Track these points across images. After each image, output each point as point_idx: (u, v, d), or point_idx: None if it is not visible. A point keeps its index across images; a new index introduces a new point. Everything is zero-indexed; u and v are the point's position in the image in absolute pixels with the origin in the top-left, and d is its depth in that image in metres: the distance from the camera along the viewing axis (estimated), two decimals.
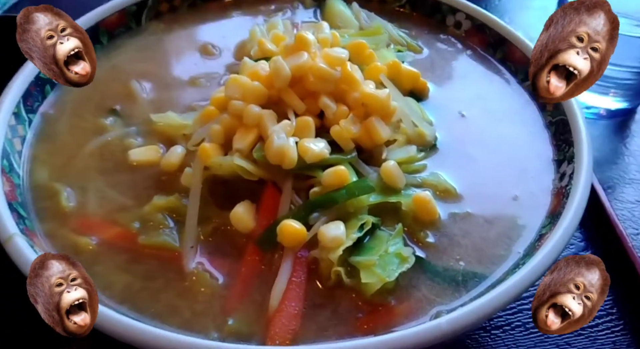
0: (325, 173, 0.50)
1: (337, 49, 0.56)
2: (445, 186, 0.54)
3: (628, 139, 0.82)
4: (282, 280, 0.45)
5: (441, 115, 0.64)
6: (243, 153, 0.51)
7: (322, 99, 0.54)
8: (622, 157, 0.79)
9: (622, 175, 0.76)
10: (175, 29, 0.76)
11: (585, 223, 0.69)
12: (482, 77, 0.69)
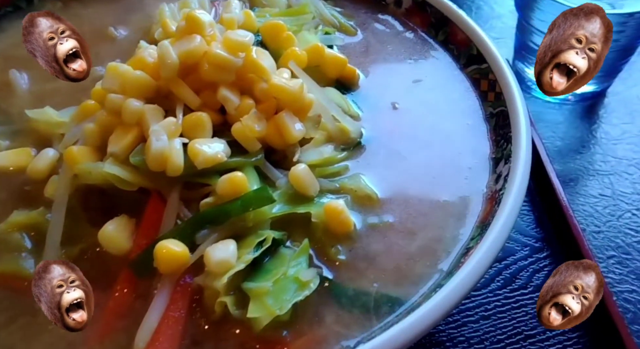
0: (219, 180, 0.42)
1: (240, 31, 0.48)
2: (365, 192, 0.47)
3: (595, 126, 0.76)
4: (154, 315, 0.37)
5: (371, 107, 0.56)
6: (118, 158, 0.42)
7: (221, 91, 0.46)
8: (588, 145, 0.73)
9: (586, 166, 0.71)
10: (74, 8, 0.66)
11: (542, 222, 0.63)
12: (421, 62, 0.62)
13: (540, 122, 0.77)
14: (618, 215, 0.66)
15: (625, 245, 0.63)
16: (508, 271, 0.60)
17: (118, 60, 0.59)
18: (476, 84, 0.58)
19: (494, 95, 0.54)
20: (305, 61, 0.54)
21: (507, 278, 0.59)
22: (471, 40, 0.59)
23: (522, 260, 0.60)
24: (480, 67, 0.57)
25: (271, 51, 0.55)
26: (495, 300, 0.56)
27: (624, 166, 0.71)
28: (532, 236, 0.63)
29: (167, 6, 0.62)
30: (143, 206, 0.43)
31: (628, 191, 0.68)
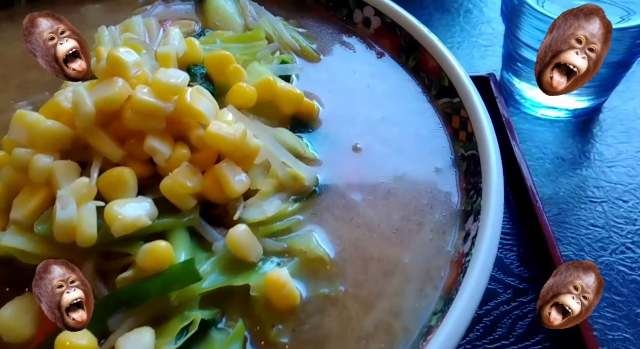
0: (140, 251, 0.36)
1: (173, 71, 0.41)
2: (316, 254, 0.41)
3: (588, 146, 0.70)
4: None
5: (330, 147, 0.50)
6: (22, 226, 0.37)
7: (148, 141, 0.40)
8: (580, 168, 0.68)
9: (577, 193, 0.65)
10: (5, 29, 0.60)
11: (527, 259, 0.58)
12: (389, 92, 0.56)
13: (528, 141, 0.71)
14: (611, 249, 0.60)
15: (618, 285, 0.57)
16: (488, 318, 0.54)
17: (46, 93, 0.53)
18: (447, 120, 0.52)
19: (466, 135, 0.49)
20: (254, 98, 0.48)
21: (488, 326, 0.53)
22: (442, 70, 0.53)
23: (505, 305, 0.55)
24: (452, 101, 0.51)
25: (217, 85, 0.50)
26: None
27: (618, 192, 0.65)
28: (515, 276, 0.57)
29: (107, 30, 0.56)
30: None
31: (622, 222, 0.63)
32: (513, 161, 0.64)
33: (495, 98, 0.70)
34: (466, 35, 0.88)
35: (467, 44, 0.87)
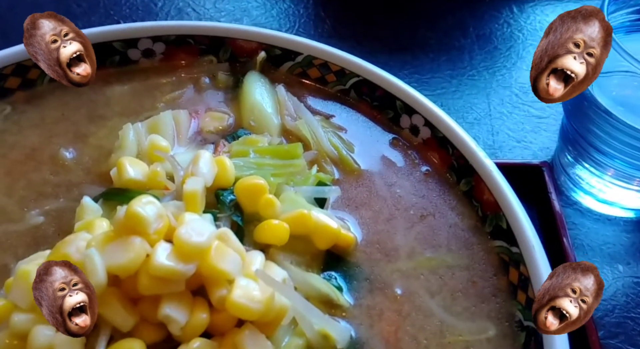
0: None
1: (198, 223, 0.36)
2: None
3: None
4: None
5: (367, 291, 0.44)
6: None
7: (163, 309, 0.34)
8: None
9: (633, 311, 0.58)
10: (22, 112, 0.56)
11: None
12: (435, 221, 0.50)
13: (578, 238, 0.63)
14: None
15: None
16: None
17: (61, 199, 0.49)
18: (504, 269, 0.46)
19: (525, 299, 0.42)
20: (286, 237, 0.43)
21: None
22: (500, 208, 0.47)
23: None
24: (510, 249, 0.45)
25: (247, 214, 0.45)
26: None
27: None
28: None
29: (133, 128, 0.52)
30: None
31: None
32: None
33: (548, 193, 0.63)
34: (517, 101, 0.80)
35: (518, 113, 0.78)
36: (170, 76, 0.61)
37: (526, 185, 0.60)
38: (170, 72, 0.61)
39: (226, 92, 0.60)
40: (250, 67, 0.60)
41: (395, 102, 0.56)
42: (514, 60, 0.87)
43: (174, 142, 0.54)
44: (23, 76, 0.56)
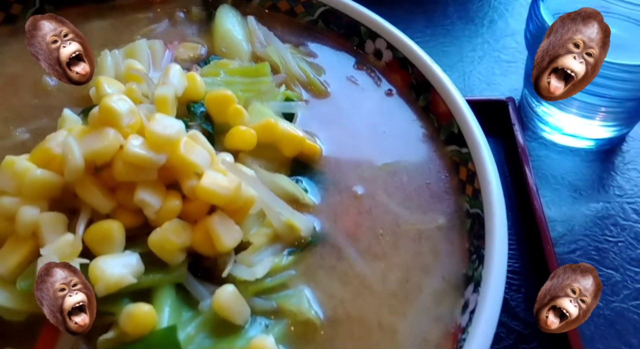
0: (122, 313, 0.35)
1: (168, 119, 0.40)
2: (306, 316, 0.40)
3: (609, 179, 0.67)
4: None
5: (331, 193, 0.48)
6: (5, 280, 0.36)
7: (138, 194, 0.38)
8: (597, 202, 0.65)
9: (592, 230, 0.62)
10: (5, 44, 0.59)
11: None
12: (395, 134, 0.53)
13: (544, 170, 0.68)
14: (624, 294, 0.57)
15: (629, 335, 0.54)
16: None
17: (45, 119, 0.52)
18: (454, 170, 0.50)
19: (472, 191, 0.46)
20: (254, 142, 0.46)
21: None
22: (452, 115, 0.50)
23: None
24: (460, 151, 0.49)
25: (217, 124, 0.48)
26: None
27: (636, 232, 0.62)
28: (520, 320, 0.55)
29: (110, 54, 0.55)
30: (36, 334, 0.37)
31: (638, 266, 0.59)
32: (526, 195, 0.61)
33: (512, 125, 0.67)
34: (488, 48, 0.84)
35: (488, 59, 0.83)
36: (147, 12, 0.64)
37: (493, 120, 0.64)
38: (146, 8, 0.64)
39: (200, 25, 0.63)
40: (223, 1, 0.63)
41: (360, 28, 0.59)
42: (486, 10, 0.90)
43: (150, 68, 0.57)
44: (6, 11, 0.59)
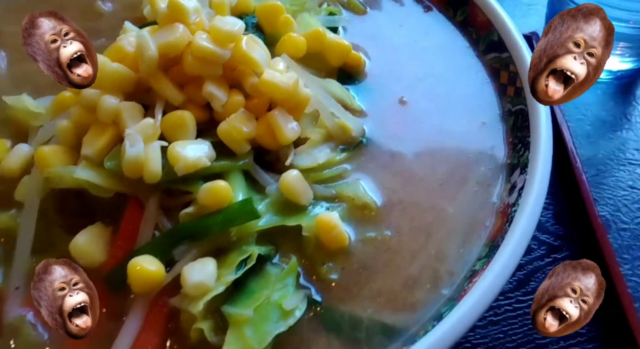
0: (201, 189, 0.39)
1: (230, 19, 0.42)
2: (363, 201, 0.43)
3: (630, 108, 0.69)
4: (124, 339, 0.34)
5: (376, 100, 0.51)
6: (92, 161, 0.39)
7: (206, 87, 0.41)
8: (620, 130, 0.67)
9: (616, 154, 0.65)
10: None
11: (562, 218, 0.58)
12: (435, 48, 0.56)
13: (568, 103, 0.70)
14: None
15: None
16: (522, 273, 0.55)
17: (102, 39, 0.55)
18: (495, 75, 0.52)
19: (514, 90, 0.49)
20: (304, 49, 0.49)
21: (521, 279, 0.55)
22: (492, 24, 0.52)
23: (538, 260, 0.56)
24: (501, 56, 0.51)
25: (267, 35, 0.50)
26: (506, 304, 0.52)
27: None
28: (550, 233, 0.58)
29: None
30: (121, 211, 0.40)
31: None
32: (553, 121, 0.63)
33: None
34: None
35: (508, 2, 0.84)
36: None
37: None
38: None
39: None
40: None
41: None
42: None
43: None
44: None
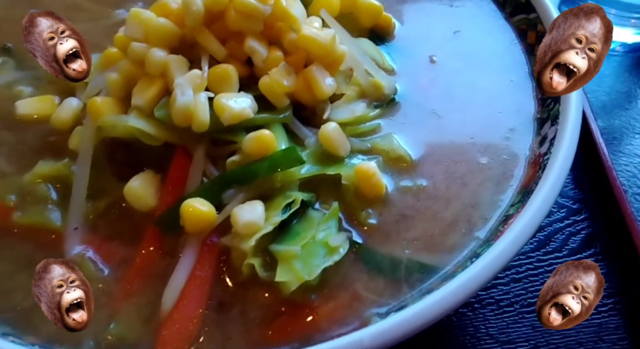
0: (246, 138, 0.40)
1: None
2: (398, 153, 0.45)
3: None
4: (181, 274, 0.37)
5: (406, 60, 0.53)
6: (143, 111, 0.41)
7: (248, 42, 0.43)
8: (635, 101, 0.69)
9: (632, 124, 0.67)
10: None
11: (581, 182, 0.60)
12: (463, 10, 0.57)
13: None
14: None
15: None
16: (542, 234, 0.57)
17: (140, 3, 0.57)
18: (522, 36, 0.53)
19: None
20: (337, 8, 0.50)
21: (542, 240, 0.56)
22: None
23: (558, 222, 0.58)
24: (528, 17, 0.52)
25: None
26: (527, 263, 0.54)
27: None
28: (569, 197, 0.60)
29: None
30: (168, 161, 0.42)
31: None
32: None
33: None
34: None
35: None
36: None
37: None
38: None
39: None
40: None
41: None
42: None
43: None
44: None
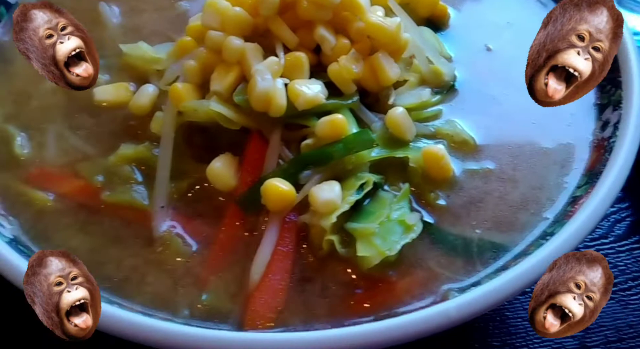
0: (320, 122, 0.42)
1: None
2: (462, 137, 0.46)
3: None
4: (266, 249, 0.38)
5: (463, 48, 0.54)
6: (222, 97, 0.43)
7: (318, 30, 0.44)
8: None
9: None
10: None
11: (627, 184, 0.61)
12: (514, 0, 0.58)
13: None
14: None
15: None
16: None
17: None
18: None
19: None
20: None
21: None
22: None
23: None
24: None
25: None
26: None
27: None
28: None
29: None
30: (242, 145, 0.44)
31: None
32: None
33: None
34: None
35: None
36: None
37: None
38: None
39: None
40: None
41: None
42: None
43: None
44: None
